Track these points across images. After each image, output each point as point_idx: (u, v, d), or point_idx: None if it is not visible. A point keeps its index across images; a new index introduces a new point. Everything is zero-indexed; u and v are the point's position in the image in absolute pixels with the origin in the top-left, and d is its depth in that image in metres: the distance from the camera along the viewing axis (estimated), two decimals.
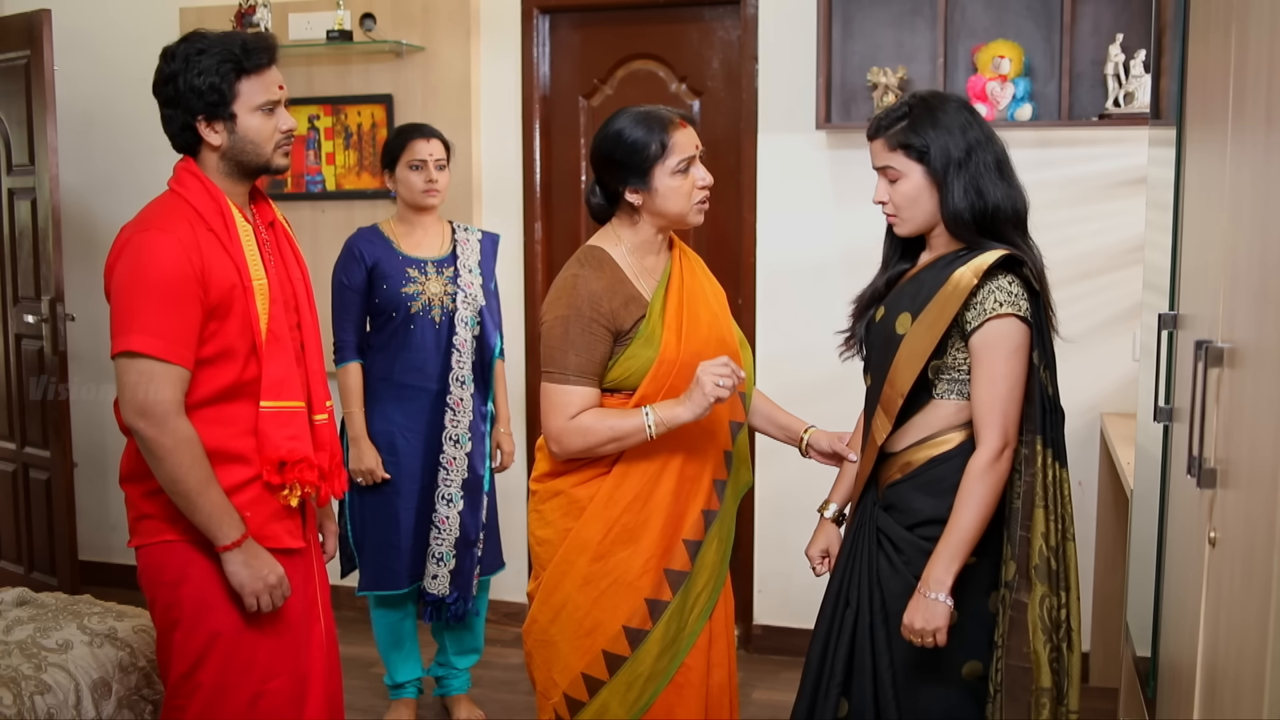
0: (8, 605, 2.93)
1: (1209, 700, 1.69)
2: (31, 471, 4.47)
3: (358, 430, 3.38)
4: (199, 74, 2.21)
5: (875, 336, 2.30)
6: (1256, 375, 1.45)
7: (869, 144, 2.28)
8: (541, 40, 4.28)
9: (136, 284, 2.17)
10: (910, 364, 2.17)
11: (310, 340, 2.42)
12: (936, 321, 2.15)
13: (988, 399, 2.13)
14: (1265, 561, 1.35)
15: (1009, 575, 2.15)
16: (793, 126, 3.97)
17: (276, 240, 2.40)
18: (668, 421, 2.30)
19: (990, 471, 2.11)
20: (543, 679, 2.44)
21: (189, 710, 2.31)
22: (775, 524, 4.13)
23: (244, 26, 4.22)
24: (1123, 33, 3.59)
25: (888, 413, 2.21)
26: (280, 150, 2.30)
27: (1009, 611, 2.15)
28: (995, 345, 2.13)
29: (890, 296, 2.30)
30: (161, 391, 2.15)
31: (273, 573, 2.26)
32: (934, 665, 2.20)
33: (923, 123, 2.19)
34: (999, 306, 2.12)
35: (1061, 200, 3.74)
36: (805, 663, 2.36)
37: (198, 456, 2.18)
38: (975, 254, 2.16)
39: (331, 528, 2.66)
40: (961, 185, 2.17)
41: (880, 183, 2.26)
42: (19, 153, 4.37)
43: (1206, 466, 1.70)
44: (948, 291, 2.14)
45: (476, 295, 3.44)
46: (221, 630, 2.28)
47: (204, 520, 2.19)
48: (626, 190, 2.37)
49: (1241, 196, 1.59)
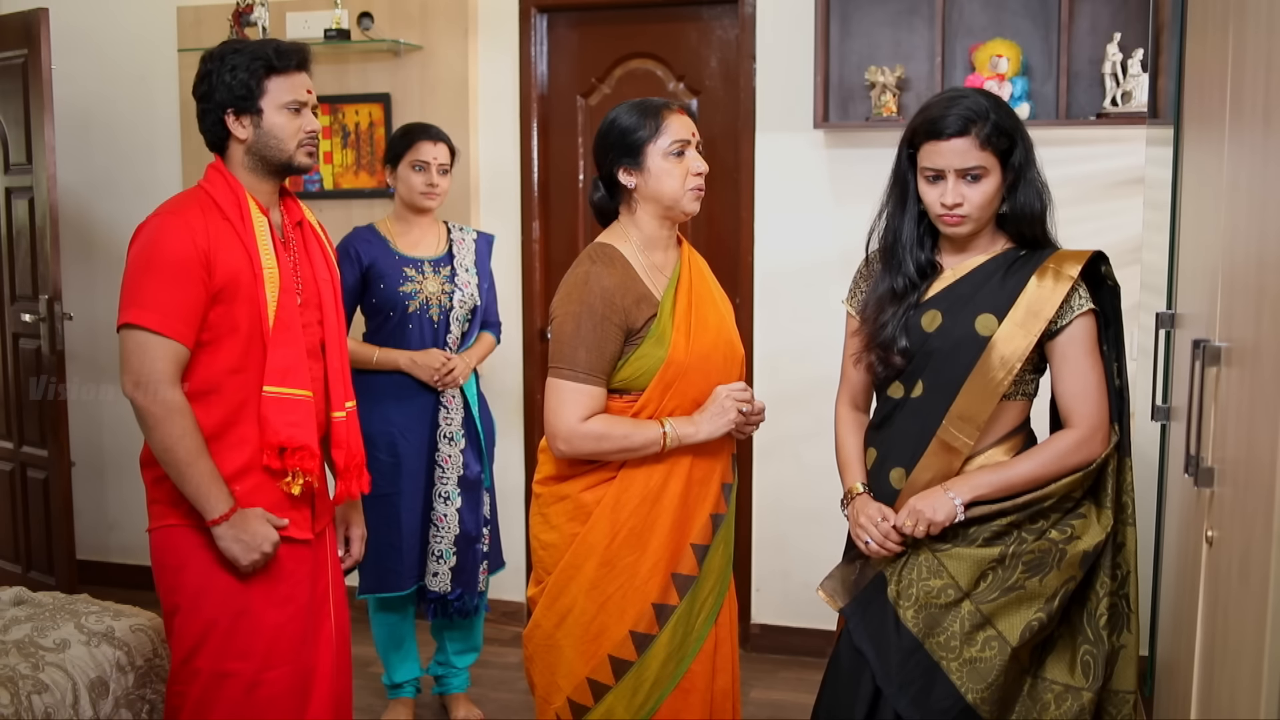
0: (5, 604, 2.93)
1: (1206, 698, 1.69)
2: (29, 471, 4.46)
3: (385, 356, 3.36)
4: (231, 70, 2.35)
5: (940, 341, 2.22)
6: (1253, 374, 1.45)
7: (939, 144, 2.16)
8: (539, 39, 4.28)
9: (143, 263, 2.28)
10: (1006, 365, 2.15)
11: (332, 339, 2.50)
12: (1031, 321, 2.15)
13: (1079, 390, 2.17)
14: (1262, 560, 1.35)
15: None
16: (790, 125, 3.97)
17: (304, 239, 2.50)
18: (683, 439, 2.32)
19: (1080, 448, 2.16)
20: (545, 683, 2.41)
21: (188, 696, 2.36)
22: (773, 523, 4.13)
23: (241, 25, 4.21)
24: (1120, 32, 3.59)
25: (972, 419, 2.17)
26: (304, 149, 2.41)
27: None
28: (1082, 340, 2.17)
29: (940, 299, 2.24)
30: (156, 363, 2.25)
31: (266, 541, 2.32)
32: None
33: (1005, 118, 2.17)
34: (1083, 304, 2.17)
35: (1059, 200, 3.68)
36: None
37: (188, 429, 2.26)
38: (1044, 252, 2.21)
39: (358, 532, 2.71)
40: (1032, 182, 2.20)
41: (954, 184, 2.17)
42: (16, 152, 4.36)
43: (1204, 465, 1.70)
44: (1044, 293, 2.15)
45: (473, 294, 3.44)
46: (218, 618, 2.33)
47: (193, 491, 2.28)
48: (620, 171, 2.36)
49: (1238, 196, 1.59)
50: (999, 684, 2.14)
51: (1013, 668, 2.16)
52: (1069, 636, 2.22)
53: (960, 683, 2.15)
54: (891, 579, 2.23)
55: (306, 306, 2.44)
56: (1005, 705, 2.18)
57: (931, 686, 2.16)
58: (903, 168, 2.27)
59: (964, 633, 2.15)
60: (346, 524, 2.70)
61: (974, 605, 2.16)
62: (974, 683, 2.14)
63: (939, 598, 2.17)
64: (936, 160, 2.17)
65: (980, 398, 2.16)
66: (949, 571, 2.17)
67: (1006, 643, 2.14)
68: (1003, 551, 2.16)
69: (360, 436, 2.60)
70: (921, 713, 2.16)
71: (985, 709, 2.14)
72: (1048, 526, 2.18)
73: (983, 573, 2.16)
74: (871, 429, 2.38)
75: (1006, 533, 2.17)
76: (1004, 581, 2.15)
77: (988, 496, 2.16)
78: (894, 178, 2.30)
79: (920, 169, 2.21)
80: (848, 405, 2.44)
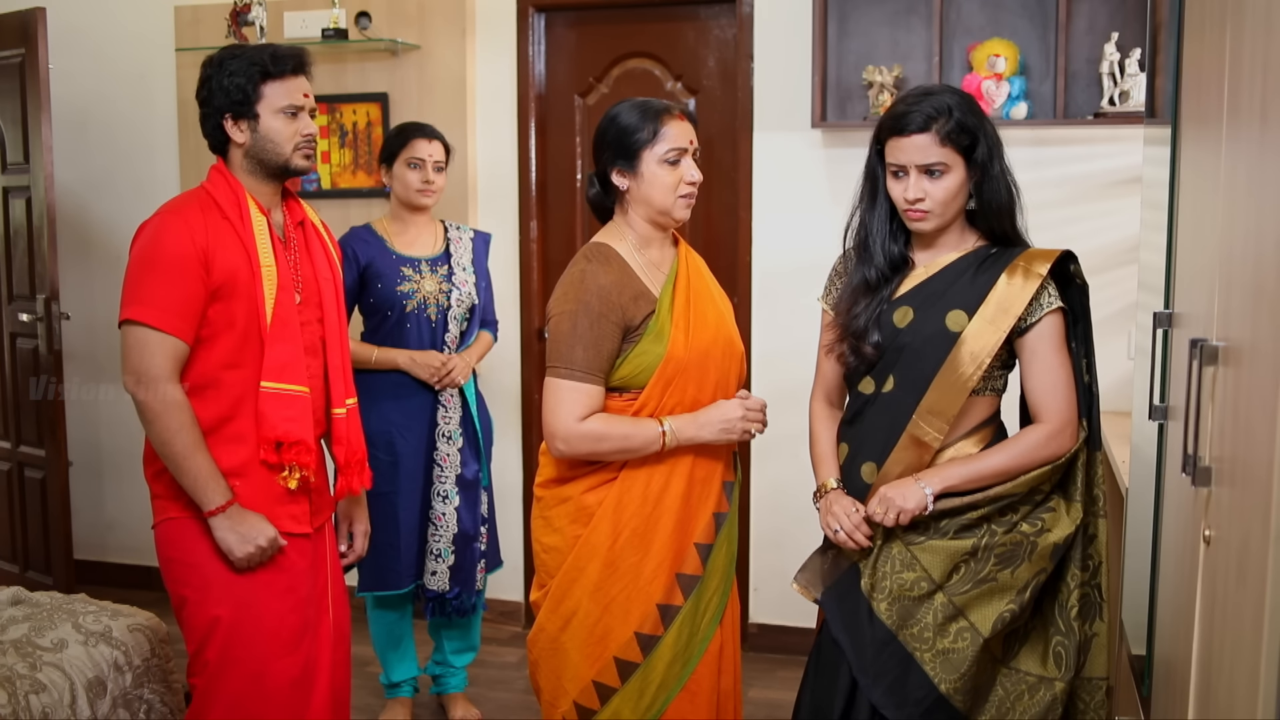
0: (3, 604, 2.93)
1: (1203, 698, 1.69)
2: (26, 470, 4.46)
3: (383, 355, 3.35)
4: (229, 75, 2.40)
5: (911, 337, 2.24)
6: (1251, 373, 1.45)
7: (901, 140, 2.20)
8: (537, 39, 4.28)
9: (143, 260, 2.33)
10: (975, 361, 2.18)
11: (333, 337, 2.53)
12: (1001, 318, 2.18)
13: (1048, 386, 2.21)
14: (1260, 560, 1.35)
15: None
16: (788, 125, 3.97)
17: (305, 239, 2.53)
18: (684, 441, 2.32)
19: (1049, 443, 2.20)
20: (551, 687, 2.40)
21: (198, 688, 2.41)
22: (771, 521, 4.13)
23: (239, 25, 4.21)
24: (1118, 31, 3.59)
25: (942, 413, 2.20)
26: (300, 152, 2.45)
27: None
28: (1050, 338, 2.21)
29: (913, 295, 2.27)
30: (154, 358, 2.30)
31: (263, 535, 2.35)
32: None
33: (969, 115, 2.19)
34: (1052, 302, 2.20)
35: (1056, 199, 3.74)
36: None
37: (185, 423, 2.31)
38: (1014, 250, 2.23)
39: (361, 528, 2.73)
40: (998, 178, 2.21)
41: (916, 180, 2.20)
42: (14, 151, 4.36)
43: (1201, 465, 1.70)
44: (1013, 290, 2.18)
45: (470, 293, 3.44)
46: (222, 612, 2.37)
47: (191, 484, 2.31)
48: (614, 172, 2.36)
49: (1236, 195, 1.59)
50: (971, 674, 2.18)
51: (984, 658, 2.20)
52: (1041, 628, 2.27)
53: (934, 673, 2.18)
54: (865, 571, 2.26)
55: (306, 304, 2.47)
56: (978, 695, 2.22)
57: (906, 677, 2.20)
58: (873, 164, 2.31)
59: (937, 624, 2.19)
60: (349, 519, 2.73)
61: (947, 597, 2.19)
62: (947, 673, 2.18)
63: (912, 590, 2.21)
64: (899, 156, 2.21)
65: (950, 393, 2.19)
66: (922, 564, 2.20)
67: (979, 633, 2.18)
68: (975, 544, 2.19)
69: (361, 432, 2.62)
70: (896, 703, 2.19)
71: (958, 699, 2.18)
72: (1017, 520, 2.22)
73: (955, 565, 2.20)
74: (843, 424, 2.40)
75: (977, 525, 2.20)
76: (976, 574, 2.19)
77: (958, 488, 2.20)
78: (865, 174, 2.34)
79: (886, 164, 2.26)
80: (822, 400, 2.47)
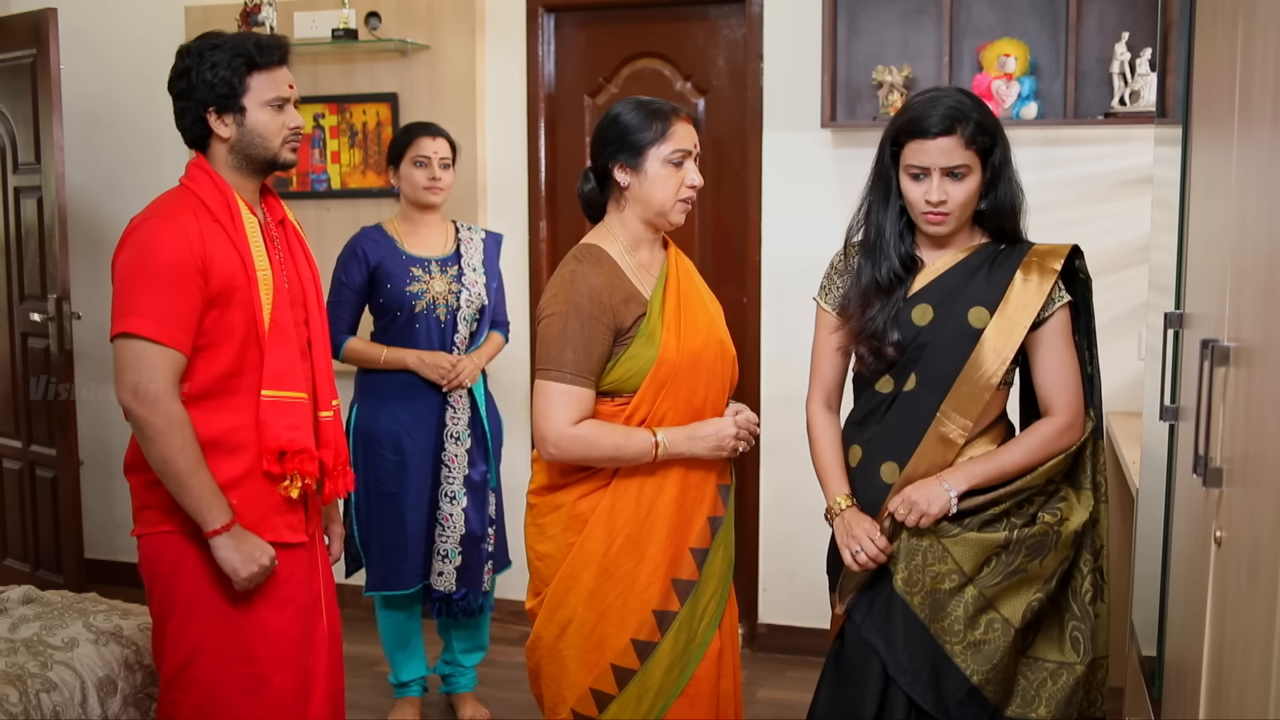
0: (14, 603, 2.94)
1: (1214, 700, 1.68)
2: (37, 470, 4.48)
3: (393, 355, 3.35)
4: (212, 67, 2.28)
5: (933, 335, 2.25)
6: (1263, 374, 1.45)
7: (926, 142, 2.19)
8: (546, 39, 4.28)
9: (137, 269, 2.23)
10: (1000, 356, 2.21)
11: (318, 338, 2.45)
12: (1022, 314, 2.21)
13: (1059, 379, 2.25)
14: (1271, 560, 1.35)
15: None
16: (798, 125, 3.96)
17: (286, 238, 2.44)
18: (674, 454, 2.31)
19: (1063, 435, 2.24)
20: (550, 695, 2.40)
21: (184, 705, 2.32)
22: (780, 522, 4.12)
23: (249, 25, 4.22)
24: (1128, 31, 3.58)
25: (967, 410, 2.22)
26: (287, 146, 2.35)
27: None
28: (1061, 331, 2.25)
29: (929, 293, 2.27)
30: (154, 372, 2.20)
31: (264, 554, 2.28)
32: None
33: (987, 118, 2.22)
34: (1062, 296, 2.25)
35: (1067, 199, 3.73)
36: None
37: (188, 440, 2.21)
38: (1022, 246, 2.27)
39: (337, 530, 2.66)
40: (1010, 180, 2.25)
41: (939, 182, 2.20)
42: (25, 151, 4.38)
43: (1212, 465, 1.70)
44: (1030, 287, 2.21)
45: (480, 294, 3.44)
46: (214, 626, 2.30)
47: (193, 503, 2.22)
48: (616, 167, 2.33)
49: (1247, 195, 1.58)
50: (1002, 664, 2.20)
51: (1013, 649, 2.22)
52: (1055, 615, 2.28)
53: (965, 665, 2.20)
54: (899, 568, 2.25)
55: (294, 306, 2.38)
56: (1007, 687, 2.23)
57: (942, 671, 2.21)
58: (885, 164, 2.31)
59: (967, 617, 2.20)
60: (327, 522, 2.64)
61: (977, 590, 2.20)
62: (979, 664, 2.19)
63: (943, 583, 2.22)
64: (922, 158, 2.20)
65: (975, 388, 2.21)
66: (954, 557, 2.21)
67: (1010, 625, 2.19)
68: (1007, 537, 2.20)
69: (344, 436, 2.57)
70: (935, 697, 2.21)
71: (990, 689, 2.20)
72: (1035, 511, 2.24)
73: (987, 558, 2.21)
74: (852, 426, 2.39)
75: (999, 519, 2.22)
76: (1007, 566, 2.20)
77: (981, 485, 2.22)
78: (875, 174, 2.34)
79: (904, 166, 2.24)
80: (821, 405, 2.45)
